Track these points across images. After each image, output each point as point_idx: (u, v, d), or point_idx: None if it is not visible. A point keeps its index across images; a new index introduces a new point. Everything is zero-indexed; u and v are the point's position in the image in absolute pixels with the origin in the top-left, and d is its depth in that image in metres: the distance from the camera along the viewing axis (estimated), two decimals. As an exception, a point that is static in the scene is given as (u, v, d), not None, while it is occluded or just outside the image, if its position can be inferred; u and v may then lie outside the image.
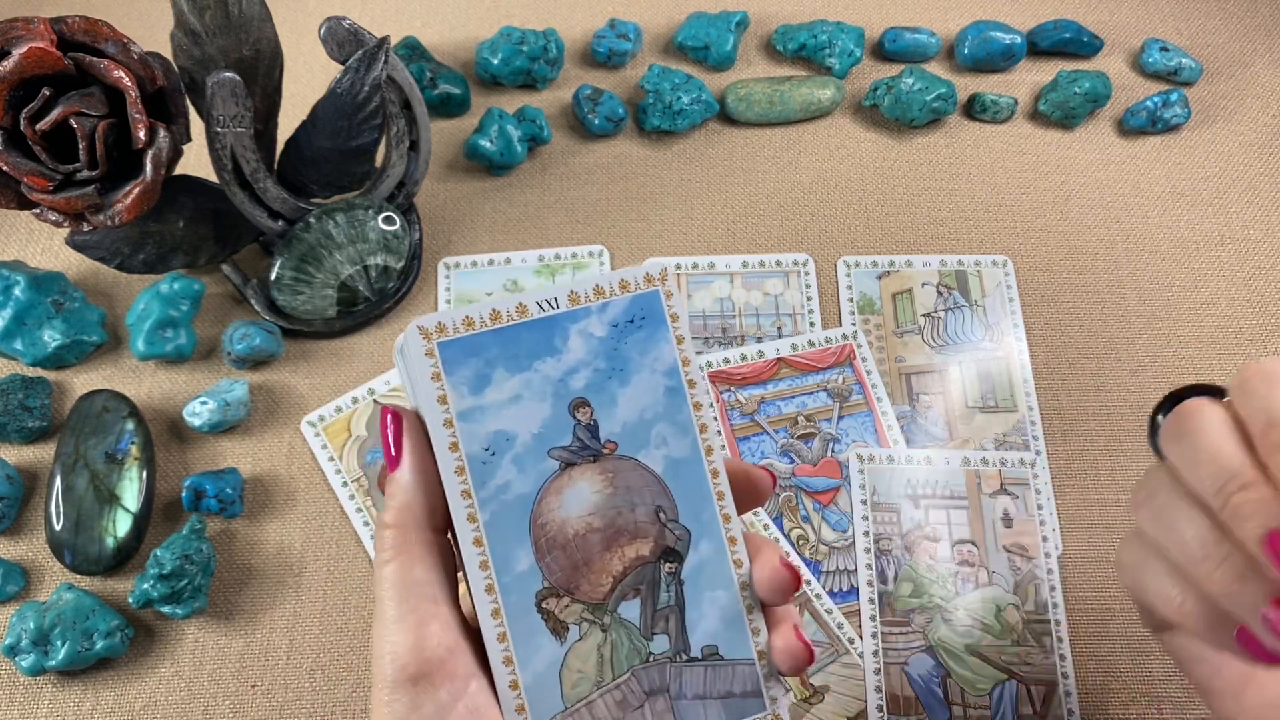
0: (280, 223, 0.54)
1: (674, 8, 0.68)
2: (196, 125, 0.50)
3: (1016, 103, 0.64)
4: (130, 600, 0.48)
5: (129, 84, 0.45)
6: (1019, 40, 0.65)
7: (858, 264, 0.59)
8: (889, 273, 0.59)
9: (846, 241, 0.60)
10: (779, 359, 0.56)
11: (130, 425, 0.52)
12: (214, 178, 0.52)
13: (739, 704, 0.32)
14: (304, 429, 0.54)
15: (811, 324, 0.57)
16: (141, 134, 0.46)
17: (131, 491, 0.50)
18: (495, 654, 0.31)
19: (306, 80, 0.64)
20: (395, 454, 0.31)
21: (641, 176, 0.62)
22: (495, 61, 0.63)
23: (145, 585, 0.48)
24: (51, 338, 0.54)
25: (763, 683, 0.33)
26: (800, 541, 0.52)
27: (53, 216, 0.48)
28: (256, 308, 0.56)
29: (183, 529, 0.50)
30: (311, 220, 0.54)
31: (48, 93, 0.45)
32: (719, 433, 0.54)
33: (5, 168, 0.46)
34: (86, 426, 0.51)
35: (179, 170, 0.51)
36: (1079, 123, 0.63)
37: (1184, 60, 0.64)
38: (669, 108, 0.61)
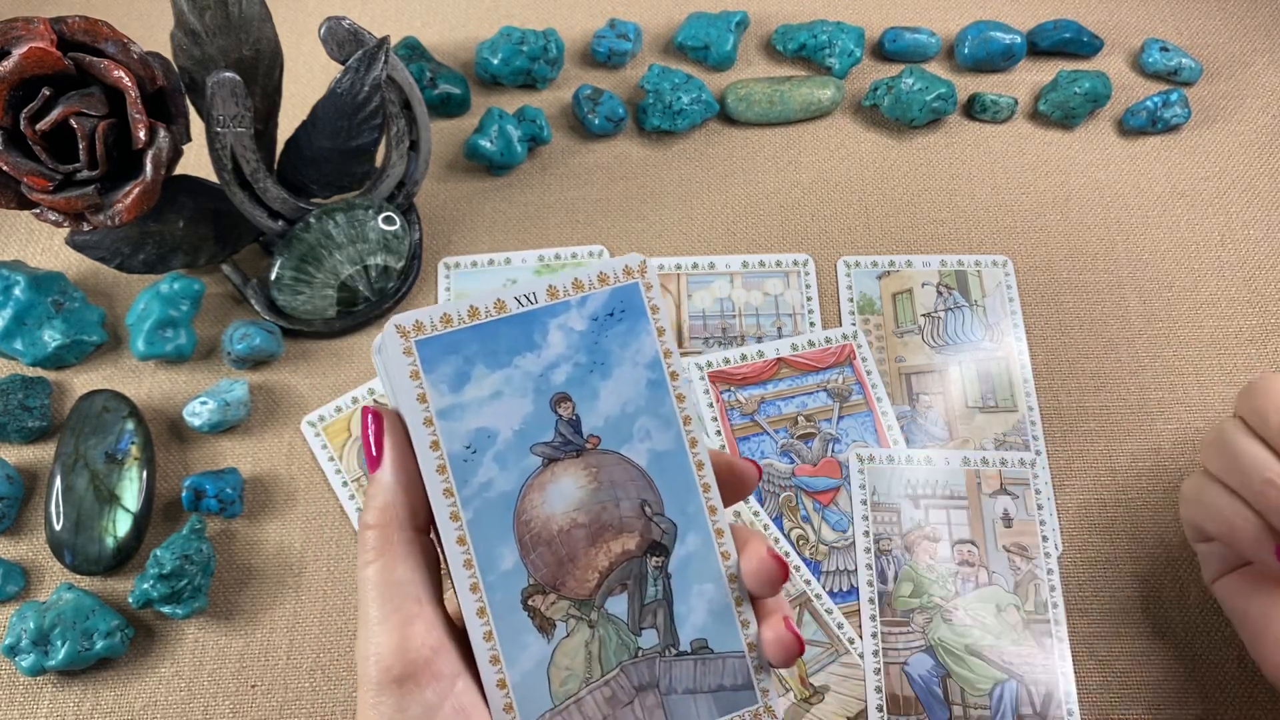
0: (280, 223, 0.54)
1: (674, 8, 0.68)
2: (196, 125, 0.50)
3: (1016, 103, 0.64)
4: (130, 600, 0.48)
5: (129, 84, 0.45)
6: (1019, 40, 0.65)
7: (858, 264, 0.59)
8: (889, 273, 0.59)
9: (846, 241, 0.60)
10: (779, 359, 0.56)
11: (130, 425, 0.52)
12: (214, 178, 0.52)
13: (730, 697, 0.32)
14: (304, 429, 0.54)
15: (811, 324, 0.57)
16: (141, 134, 0.46)
17: (131, 491, 0.50)
18: (482, 653, 0.31)
19: (306, 80, 0.64)
20: (376, 454, 0.31)
21: (641, 176, 0.62)
22: (495, 61, 0.63)
23: (145, 585, 0.48)
24: (51, 338, 0.54)
25: (753, 675, 0.33)
26: (800, 541, 0.52)
27: (53, 216, 0.48)
28: (256, 308, 0.56)
29: (183, 529, 0.50)
30: (311, 220, 0.54)
31: (48, 93, 0.45)
32: (715, 423, 0.54)
33: (5, 168, 0.46)
34: (86, 426, 0.51)
35: (179, 170, 0.51)
36: (1079, 123, 0.63)
37: (1184, 60, 0.64)
38: (669, 108, 0.61)
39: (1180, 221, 0.61)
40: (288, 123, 0.54)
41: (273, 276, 0.54)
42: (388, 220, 0.55)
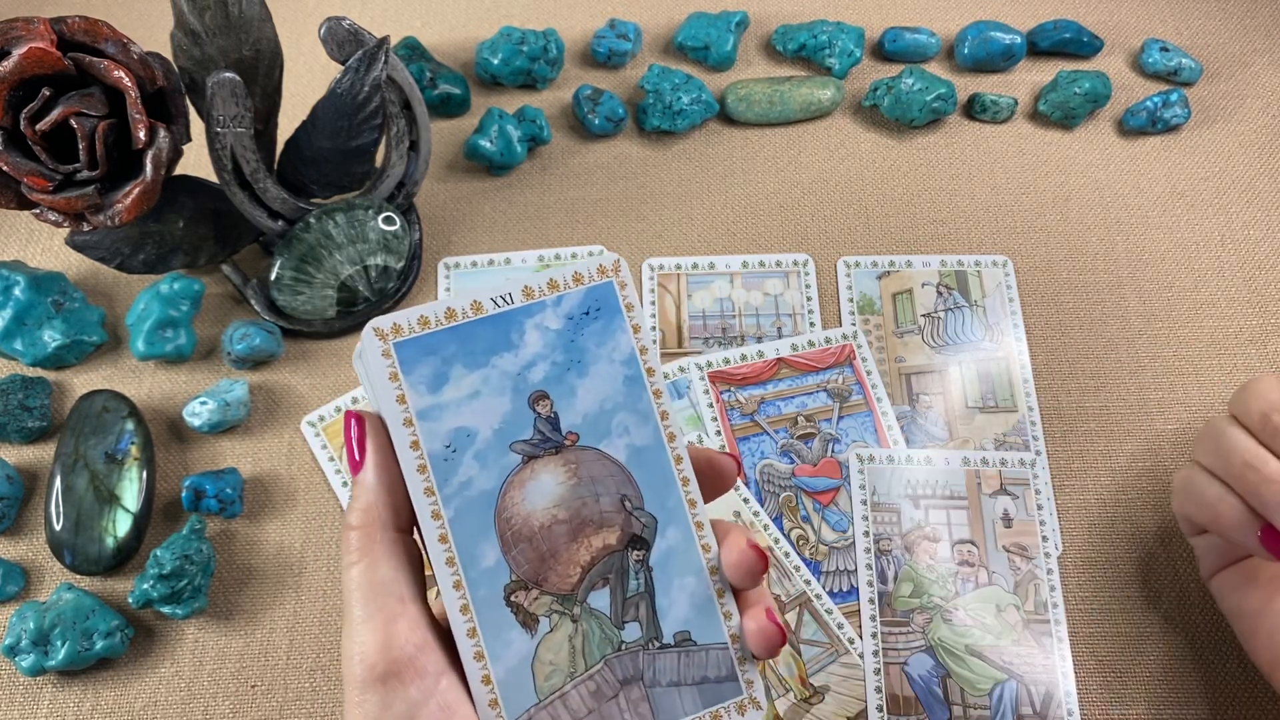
0: (280, 223, 0.54)
1: (674, 8, 0.68)
2: (196, 125, 0.50)
3: (1016, 103, 0.64)
4: (130, 600, 0.48)
5: (129, 84, 0.45)
6: (1019, 40, 0.65)
7: (858, 264, 0.59)
8: (889, 273, 0.59)
9: (846, 241, 0.60)
10: (779, 359, 0.56)
11: (130, 425, 0.52)
12: (214, 178, 0.52)
13: (714, 689, 0.32)
14: (304, 429, 0.54)
15: (811, 324, 0.57)
16: (141, 134, 0.46)
17: (131, 491, 0.50)
18: (466, 650, 0.31)
19: (306, 80, 0.64)
20: (358, 456, 0.31)
21: (641, 176, 0.62)
22: (495, 61, 0.63)
23: (145, 585, 0.48)
24: (51, 338, 0.54)
25: (737, 666, 0.33)
26: (800, 541, 0.52)
27: (53, 216, 0.48)
28: (256, 308, 0.56)
29: (183, 529, 0.50)
30: (311, 220, 0.54)
31: (48, 93, 0.45)
32: (715, 423, 0.54)
33: (5, 168, 0.46)
34: (86, 426, 0.51)
35: (179, 170, 0.51)
36: (1079, 123, 0.63)
37: (1184, 60, 0.64)
38: (669, 108, 0.61)
39: (1180, 221, 0.61)
40: (288, 123, 0.54)
41: (273, 276, 0.54)
42: (388, 220, 0.55)
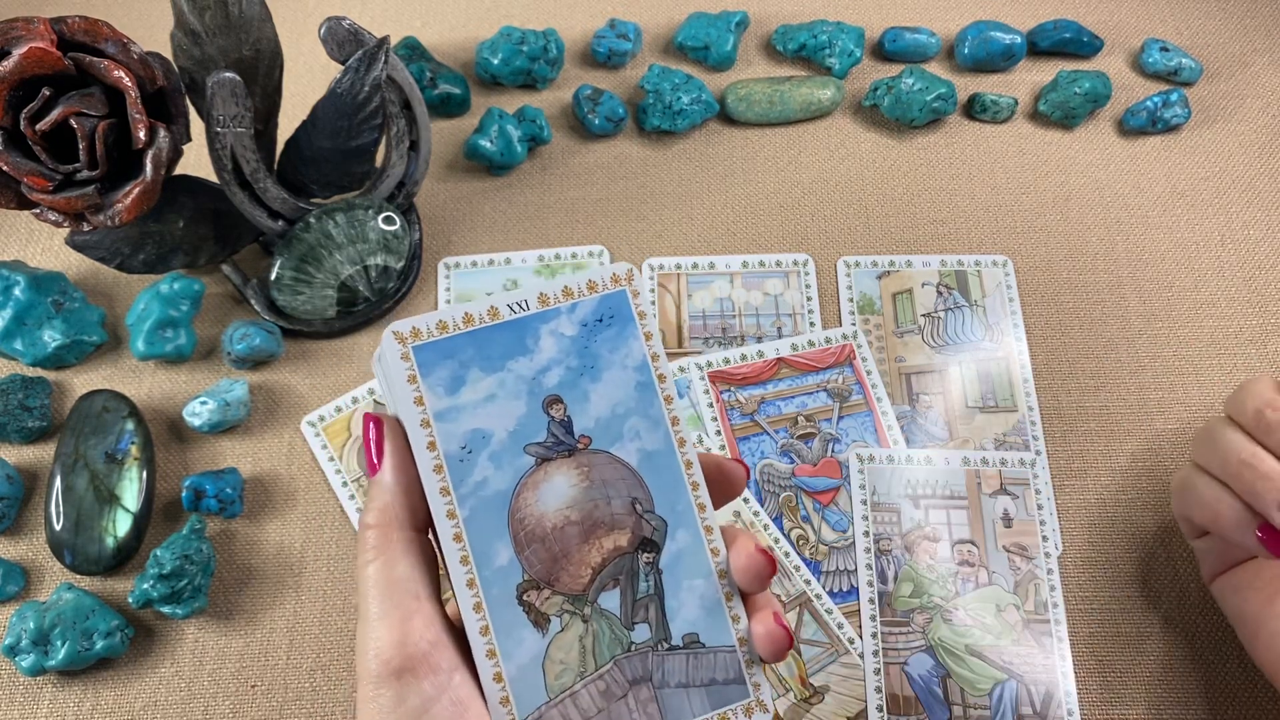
0: (280, 223, 0.54)
1: (674, 8, 0.68)
2: (196, 125, 0.50)
3: (1016, 103, 0.64)
4: (130, 600, 0.48)
5: (129, 84, 0.45)
6: (1019, 40, 0.65)
7: (858, 264, 0.59)
8: (889, 273, 0.59)
9: (846, 241, 0.60)
10: (779, 359, 0.56)
11: (130, 425, 0.52)
12: (214, 178, 0.52)
13: (722, 691, 0.33)
14: (304, 429, 0.54)
15: (811, 324, 0.57)
16: (141, 134, 0.46)
17: (131, 491, 0.50)
18: (478, 647, 0.31)
19: (306, 80, 0.64)
20: (376, 457, 0.32)
21: (641, 176, 0.62)
22: (495, 61, 0.63)
23: (145, 585, 0.48)
24: (51, 338, 0.54)
25: (744, 669, 0.33)
26: (800, 541, 0.52)
27: (53, 216, 0.48)
28: (256, 308, 0.56)
29: (183, 529, 0.50)
30: (311, 220, 0.54)
31: (48, 93, 0.45)
32: (715, 423, 0.54)
33: (5, 168, 0.46)
34: (86, 426, 0.51)
35: (179, 170, 0.51)
36: (1079, 123, 0.63)
37: (1184, 60, 0.64)
38: (669, 108, 0.61)
39: (1180, 221, 0.61)
40: (288, 123, 0.54)
41: (273, 276, 0.54)
42: (388, 220, 0.55)
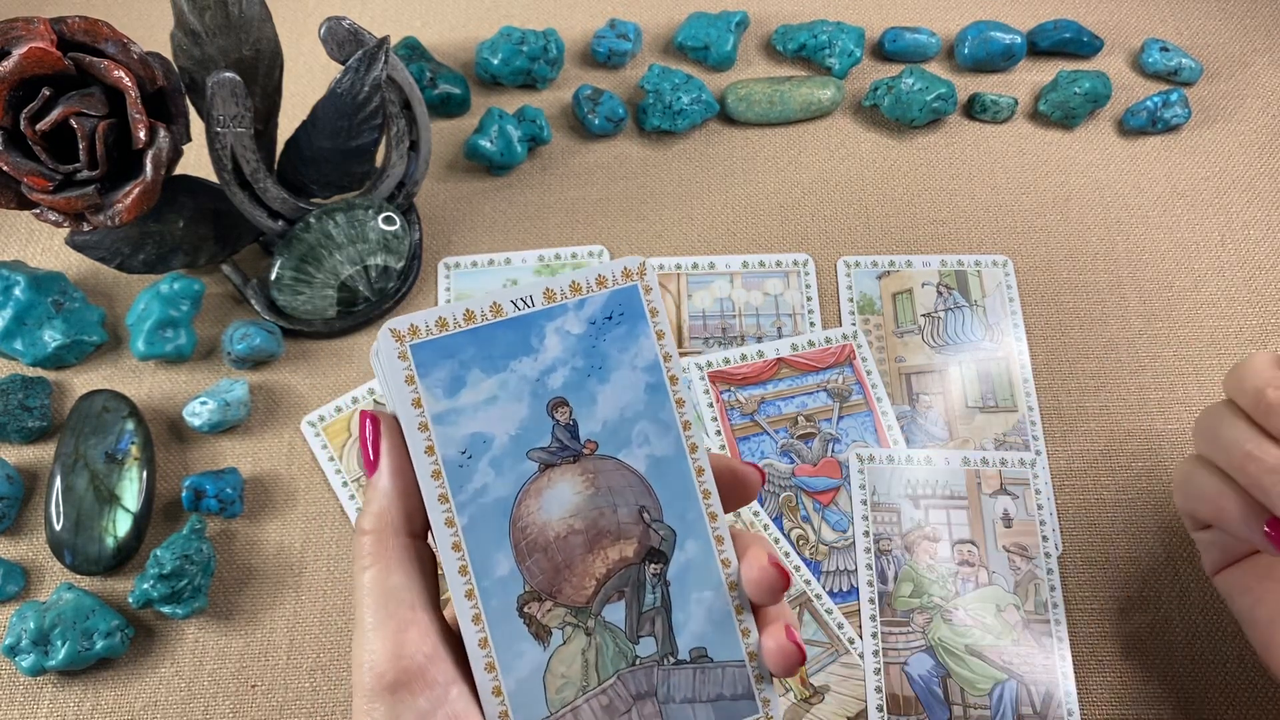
0: (280, 223, 0.54)
1: (674, 8, 0.68)
2: (196, 125, 0.50)
3: (1016, 103, 0.64)
4: (130, 600, 0.48)
5: (129, 84, 0.45)
6: (1019, 40, 0.65)
7: (858, 264, 0.59)
8: (889, 273, 0.59)
9: (846, 241, 0.60)
10: (779, 359, 0.56)
11: (130, 425, 0.52)
12: (214, 178, 0.52)
13: (729, 707, 0.32)
14: (304, 429, 0.54)
15: (811, 324, 0.57)
16: (141, 134, 0.46)
17: (131, 491, 0.50)
18: (477, 660, 0.30)
19: (306, 80, 0.64)
20: (373, 459, 0.31)
21: (641, 176, 0.62)
22: (495, 61, 0.63)
23: (145, 585, 0.48)
24: (51, 338, 0.54)
25: (754, 685, 0.32)
26: (800, 541, 0.52)
27: (53, 216, 0.48)
28: (256, 308, 0.56)
29: (183, 529, 0.50)
30: (311, 220, 0.54)
31: (48, 93, 0.45)
32: (715, 423, 0.54)
33: (5, 168, 0.46)
34: (86, 426, 0.51)
35: (179, 170, 0.51)
36: (1079, 123, 0.63)
37: (1184, 60, 0.64)
38: (669, 108, 0.61)
39: (1180, 221, 0.61)
40: (288, 123, 0.54)
41: (273, 276, 0.54)
42: (388, 220, 0.55)
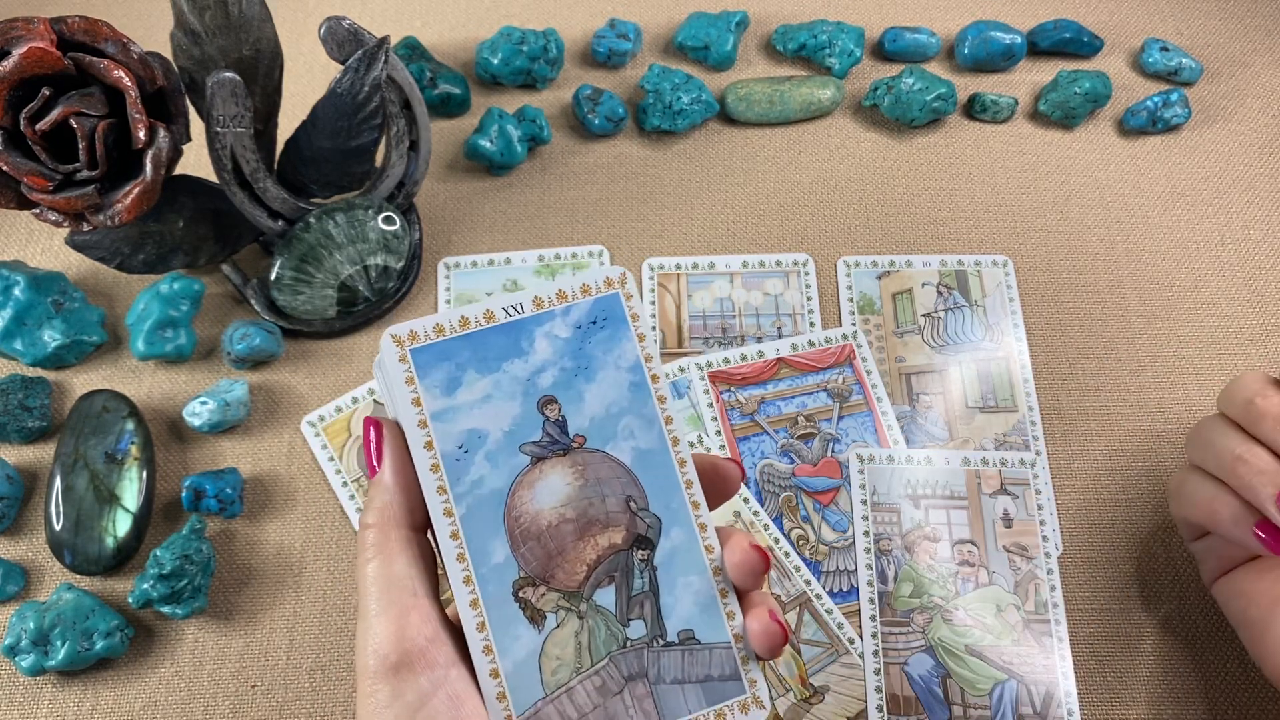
0: (280, 223, 0.54)
1: (674, 8, 0.68)
2: (196, 125, 0.50)
3: (1016, 103, 0.64)
4: (130, 600, 0.48)
5: (129, 84, 0.45)
6: (1019, 40, 0.65)
7: (858, 264, 0.59)
8: (889, 273, 0.59)
9: (846, 241, 0.60)
10: (779, 359, 0.56)
11: (130, 425, 0.52)
12: (214, 178, 0.52)
13: (718, 687, 0.33)
14: (304, 429, 0.54)
15: (811, 324, 0.57)
16: (141, 134, 0.46)
17: (131, 491, 0.50)
18: (475, 643, 0.32)
19: (306, 80, 0.64)
20: (376, 459, 0.33)
21: (641, 176, 0.62)
22: (495, 61, 0.63)
23: (145, 585, 0.48)
24: (51, 338, 0.54)
25: (740, 666, 0.34)
26: (800, 541, 0.52)
27: (53, 216, 0.48)
28: (256, 308, 0.56)
29: (183, 529, 0.50)
30: (311, 220, 0.54)
31: (48, 93, 0.45)
32: (715, 423, 0.54)
33: (5, 168, 0.46)
34: (86, 426, 0.51)
35: (179, 170, 0.51)
36: (1079, 123, 0.63)
37: (1184, 60, 0.64)
38: (669, 108, 0.61)
39: (1180, 221, 0.61)
40: (288, 123, 0.54)
41: (273, 276, 0.54)
42: (388, 220, 0.55)
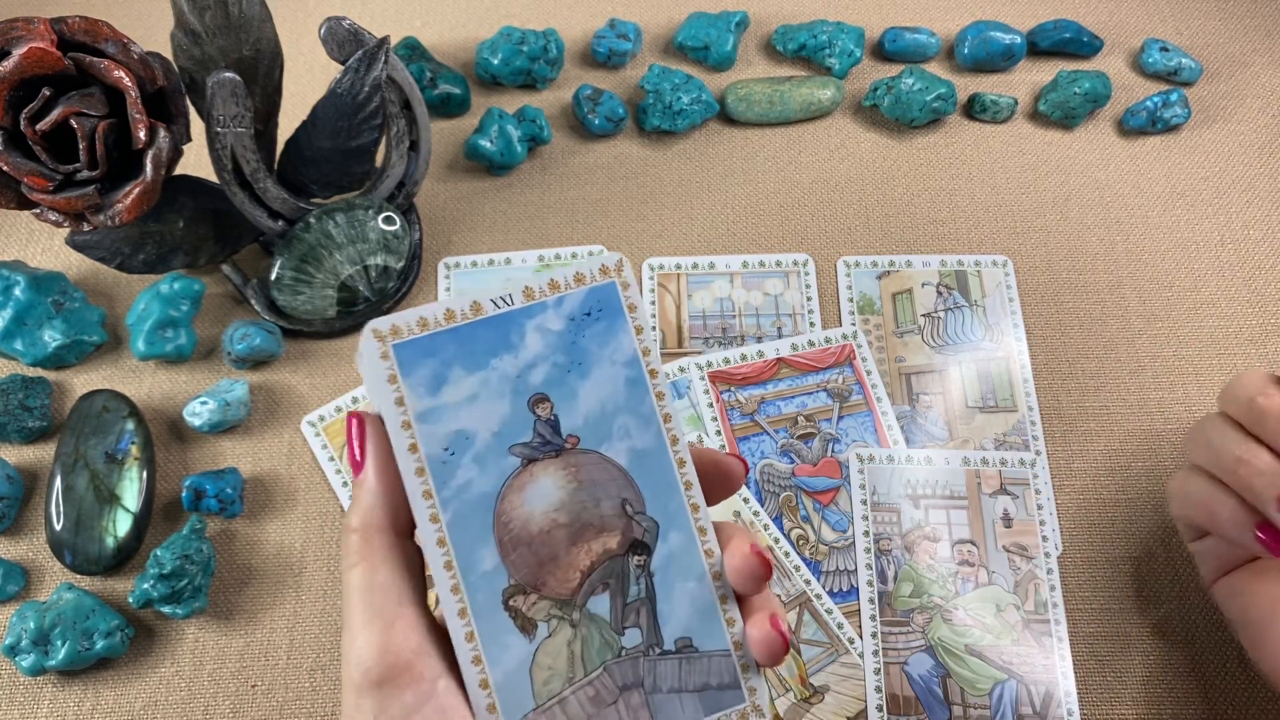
0: (280, 223, 0.54)
1: (674, 8, 0.68)
2: (196, 125, 0.50)
3: (1016, 103, 0.64)
4: (130, 600, 0.48)
5: (129, 84, 0.45)
6: (1019, 40, 0.65)
7: (858, 264, 0.59)
8: (889, 273, 0.59)
9: (846, 241, 0.60)
10: (779, 359, 0.56)
11: (130, 425, 0.52)
12: (214, 178, 0.52)
13: (716, 696, 0.32)
14: (304, 429, 0.54)
15: (811, 324, 0.57)
16: (141, 134, 0.46)
17: (131, 491, 0.50)
18: (464, 653, 0.30)
19: (306, 80, 0.64)
20: (359, 458, 0.31)
21: (641, 176, 0.62)
22: (495, 61, 0.63)
23: (145, 585, 0.48)
24: (51, 338, 0.54)
25: (740, 674, 0.32)
26: (800, 541, 0.52)
27: (53, 216, 0.48)
28: (256, 308, 0.56)
29: (183, 529, 0.50)
30: (311, 220, 0.54)
31: (48, 93, 0.45)
32: (715, 423, 0.54)
33: (5, 168, 0.46)
34: (86, 426, 0.51)
35: (179, 170, 0.51)
36: (1079, 123, 0.63)
37: (1184, 60, 0.64)
38: (669, 108, 0.61)
39: (1180, 221, 0.61)
40: (288, 123, 0.54)
41: (273, 276, 0.54)
42: (388, 220, 0.55)
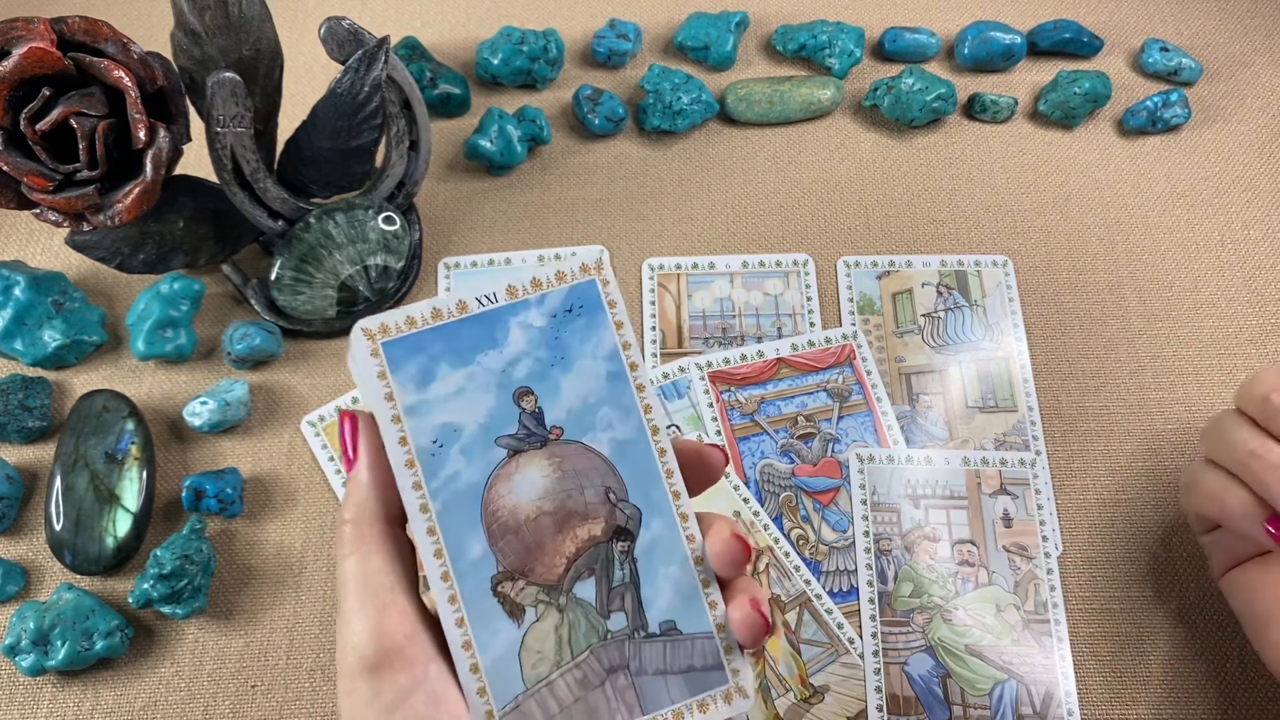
0: (280, 223, 0.54)
1: (674, 8, 0.68)
2: (196, 125, 0.50)
3: (1016, 103, 0.64)
4: (130, 600, 0.48)
5: (129, 84, 0.45)
6: (1019, 40, 0.65)
7: (858, 264, 0.59)
8: (889, 273, 0.59)
9: (846, 241, 0.60)
10: (779, 359, 0.56)
11: (130, 425, 0.52)
12: (214, 178, 0.52)
13: (700, 677, 0.33)
14: (304, 429, 0.54)
15: (811, 324, 0.57)
16: (141, 134, 0.46)
17: (131, 491, 0.50)
18: (454, 639, 0.32)
19: (306, 80, 0.64)
20: (352, 454, 0.32)
21: (641, 176, 0.62)
22: (495, 61, 0.63)
23: (145, 585, 0.48)
24: (51, 338, 0.54)
25: (723, 655, 0.33)
26: (800, 541, 0.52)
27: (53, 216, 0.48)
28: (256, 308, 0.56)
29: (183, 529, 0.50)
30: (311, 220, 0.54)
31: (48, 93, 0.45)
32: (715, 423, 0.54)
33: (5, 168, 0.46)
34: (86, 426, 0.51)
35: (179, 170, 0.51)
36: (1079, 123, 0.63)
37: (1184, 60, 0.64)
38: (669, 108, 0.61)
39: (1180, 221, 0.61)
40: (288, 123, 0.54)
41: (273, 276, 0.54)
42: (388, 220, 0.55)
